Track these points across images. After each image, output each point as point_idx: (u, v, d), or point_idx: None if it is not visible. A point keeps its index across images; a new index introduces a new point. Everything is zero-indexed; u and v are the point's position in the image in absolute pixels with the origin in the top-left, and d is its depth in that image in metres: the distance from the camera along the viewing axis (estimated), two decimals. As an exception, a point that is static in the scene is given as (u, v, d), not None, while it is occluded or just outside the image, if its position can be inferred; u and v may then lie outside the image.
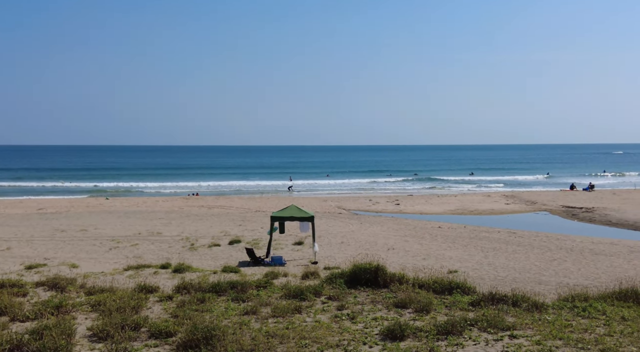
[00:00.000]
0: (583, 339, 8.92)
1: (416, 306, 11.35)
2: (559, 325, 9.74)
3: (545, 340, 8.98)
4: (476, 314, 10.58)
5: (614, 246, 24.49)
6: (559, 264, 20.69)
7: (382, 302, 12.06)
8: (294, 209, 22.07)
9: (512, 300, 11.37)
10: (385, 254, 22.04)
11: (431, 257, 21.95)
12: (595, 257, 21.95)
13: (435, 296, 12.55)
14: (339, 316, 10.94)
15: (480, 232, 29.00)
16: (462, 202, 48.34)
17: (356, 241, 25.88)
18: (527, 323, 9.95)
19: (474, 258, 21.86)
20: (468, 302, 11.77)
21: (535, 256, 22.35)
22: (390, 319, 10.66)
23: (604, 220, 36.50)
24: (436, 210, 42.96)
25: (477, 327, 9.84)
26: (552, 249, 23.90)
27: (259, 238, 26.46)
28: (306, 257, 21.79)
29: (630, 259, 21.27)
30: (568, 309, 10.93)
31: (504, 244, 25.10)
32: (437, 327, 9.74)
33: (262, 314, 11.12)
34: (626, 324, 9.75)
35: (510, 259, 21.61)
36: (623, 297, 11.74)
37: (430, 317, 10.71)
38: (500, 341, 9.13)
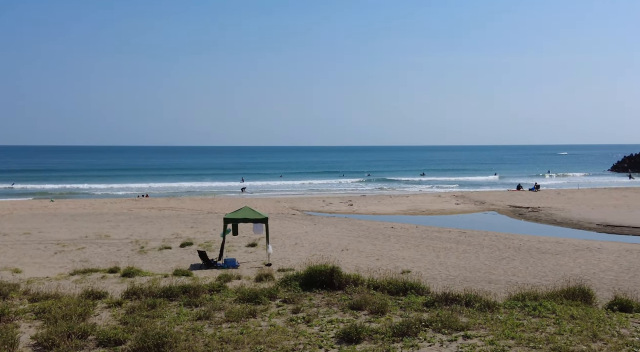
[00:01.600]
0: (534, 338, 9.08)
1: (371, 308, 11.34)
2: (511, 324, 9.91)
3: (498, 340, 9.10)
4: (430, 314, 10.65)
5: (560, 245, 25.26)
6: (507, 262, 21.19)
7: (337, 304, 12.00)
8: (247, 211, 21.82)
9: (465, 300, 11.51)
10: (340, 255, 22.05)
11: (385, 258, 22.10)
12: (542, 255, 22.57)
13: (390, 297, 12.58)
14: (295, 320, 10.82)
15: (431, 232, 29.42)
16: (413, 202, 49.00)
17: (310, 242, 25.82)
18: (480, 323, 10.08)
19: (426, 258, 22.14)
20: (422, 302, 11.85)
21: (485, 255, 22.82)
22: (346, 321, 10.61)
23: (550, 219, 37.65)
24: (389, 210, 43.38)
25: (431, 328, 9.90)
26: (501, 248, 24.46)
27: (212, 240, 26.06)
28: (260, 259, 21.58)
29: (575, 258, 21.98)
30: (519, 308, 11.14)
31: (455, 244, 25.53)
32: (393, 329, 9.75)
33: (216, 319, 10.88)
34: (575, 322, 10.00)
35: (461, 259, 21.98)
36: (571, 295, 12.06)
37: (386, 319, 10.72)
38: (455, 341, 9.21)
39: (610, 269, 19.61)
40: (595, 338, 9.03)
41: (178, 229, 30.35)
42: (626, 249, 23.78)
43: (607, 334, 9.26)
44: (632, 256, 22.19)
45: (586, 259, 21.67)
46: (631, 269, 19.53)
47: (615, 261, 21.07)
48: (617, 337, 9.05)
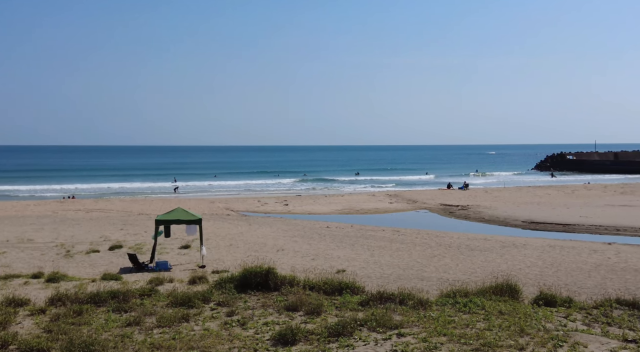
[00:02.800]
0: (465, 334, 9.31)
1: (307, 309, 11.30)
2: (443, 321, 10.12)
3: (431, 337, 9.27)
4: (365, 313, 10.73)
5: (488, 242, 26.13)
6: (439, 260, 21.71)
7: (273, 306, 11.89)
8: (180, 212, 21.32)
9: (399, 298, 11.68)
10: (275, 256, 21.93)
11: (320, 257, 22.16)
12: (471, 252, 23.28)
13: (326, 297, 12.59)
14: (229, 323, 10.63)
15: (366, 231, 29.78)
16: (348, 201, 49.50)
17: (245, 243, 25.55)
18: (413, 321, 10.24)
19: (361, 257, 22.37)
20: (357, 302, 11.92)
21: (418, 252, 23.30)
22: (282, 323, 10.52)
23: (478, 217, 38.95)
24: (324, 210, 43.61)
25: (366, 327, 9.96)
26: (433, 245, 25.05)
27: (143, 242, 25.31)
28: (193, 261, 21.13)
29: (502, 254, 22.79)
30: (450, 305, 11.41)
31: (389, 242, 25.94)
32: (328, 330, 9.75)
33: (146, 325, 10.52)
34: (503, 317, 10.34)
35: (394, 257, 22.35)
36: (499, 291, 12.47)
37: (321, 320, 10.71)
38: (389, 339, 9.31)
39: (535, 265, 20.46)
40: (523, 333, 9.35)
41: (107, 232, 29.30)
42: (549, 245, 24.89)
43: (534, 328, 9.62)
44: (555, 251, 23.25)
45: (512, 255, 22.51)
46: (554, 264, 20.45)
47: (540, 257, 22.00)
48: (543, 332, 9.41)
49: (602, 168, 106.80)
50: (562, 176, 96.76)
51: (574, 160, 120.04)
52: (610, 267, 19.89)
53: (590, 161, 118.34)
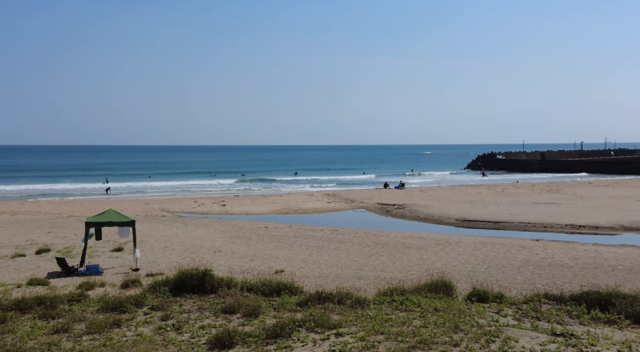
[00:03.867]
0: (402, 332, 9.43)
1: (245, 311, 11.14)
2: (380, 320, 10.21)
3: (369, 336, 9.33)
4: (304, 314, 10.68)
5: (423, 240, 26.68)
6: (376, 258, 21.97)
7: (209, 308, 11.65)
8: (112, 214, 20.59)
9: (337, 298, 11.71)
10: (212, 257, 21.56)
11: (258, 258, 21.97)
12: (407, 250, 23.70)
13: (264, 298, 12.46)
14: (164, 327, 10.32)
15: (304, 231, 29.77)
16: (287, 201, 49.40)
17: (181, 245, 24.99)
18: (351, 320, 10.28)
19: (299, 257, 22.34)
20: (296, 302, 11.87)
21: (356, 252, 23.49)
22: (219, 326, 10.32)
23: (414, 215, 39.74)
24: (262, 210, 43.33)
25: (305, 327, 9.92)
26: (370, 244, 25.33)
27: (72, 246, 24.29)
28: (127, 264, 20.46)
29: (437, 252, 23.32)
30: (388, 304, 11.54)
31: (327, 242, 26.04)
32: (266, 331, 9.64)
33: (75, 332, 10.07)
34: (438, 314, 10.54)
35: (333, 256, 22.45)
36: (434, 288, 12.73)
37: (259, 321, 10.58)
38: (327, 340, 9.30)
39: (468, 262, 21.05)
40: (457, 329, 9.56)
41: (33, 235, 27.95)
42: (481, 242, 25.67)
43: (467, 324, 9.86)
44: (486, 248, 24.00)
45: (447, 252, 23.07)
46: (486, 261, 21.11)
47: (472, 254, 22.65)
48: (476, 328, 9.65)
49: (529, 167, 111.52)
50: (493, 175, 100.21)
51: (504, 160, 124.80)
52: (538, 263, 20.72)
53: (519, 161, 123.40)
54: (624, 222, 32.98)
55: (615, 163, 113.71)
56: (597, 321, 10.60)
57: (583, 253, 22.67)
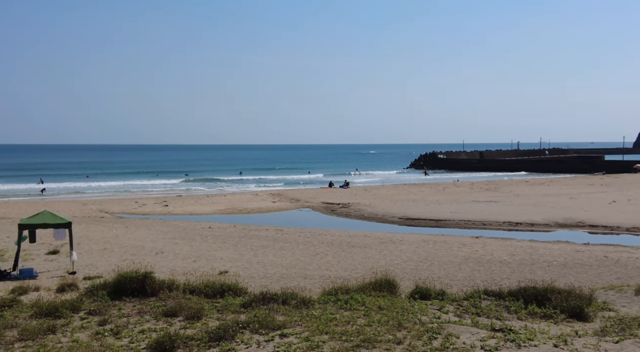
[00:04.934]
0: (346, 331, 9.43)
1: (187, 313, 10.88)
2: (324, 319, 10.18)
3: (313, 336, 9.29)
4: (248, 315, 10.53)
5: (367, 238, 26.94)
6: (321, 258, 22.01)
7: (150, 312, 11.32)
8: (47, 215, 19.75)
9: (282, 298, 11.60)
10: (154, 259, 21.05)
11: (202, 259, 21.61)
12: (352, 249, 23.86)
13: (207, 300, 12.21)
14: (101, 332, 9.95)
15: (249, 231, 29.52)
16: (231, 201, 48.87)
17: (121, 247, 24.27)
18: (296, 320, 10.21)
19: (244, 257, 22.11)
20: (240, 304, 11.69)
21: (301, 251, 23.47)
22: (159, 330, 10.03)
23: (358, 214, 40.09)
24: (206, 210, 42.70)
25: (249, 329, 9.78)
26: (315, 243, 25.37)
27: (5, 249, 23.18)
28: (63, 267, 19.68)
29: (380, 250, 23.58)
30: (332, 303, 11.53)
31: (272, 242, 25.90)
32: (209, 334, 9.43)
33: (7, 339, 9.56)
34: (382, 313, 10.61)
35: (278, 256, 22.34)
36: (378, 287, 12.83)
37: (202, 324, 10.35)
38: (272, 341, 9.19)
39: (411, 259, 21.38)
40: (400, 327, 9.65)
41: (-38, 238, 26.51)
42: (423, 240, 26.15)
43: (410, 322, 9.97)
44: (428, 246, 24.46)
45: (390, 251, 23.37)
46: (428, 259, 21.51)
47: (415, 252, 23.04)
48: (419, 325, 9.77)
49: (469, 166, 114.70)
50: (435, 174, 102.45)
51: (445, 159, 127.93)
52: (477, 259, 21.27)
53: (459, 160, 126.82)
54: (558, 219, 34.33)
55: (550, 162, 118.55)
56: (534, 315, 10.94)
57: (520, 249, 23.44)
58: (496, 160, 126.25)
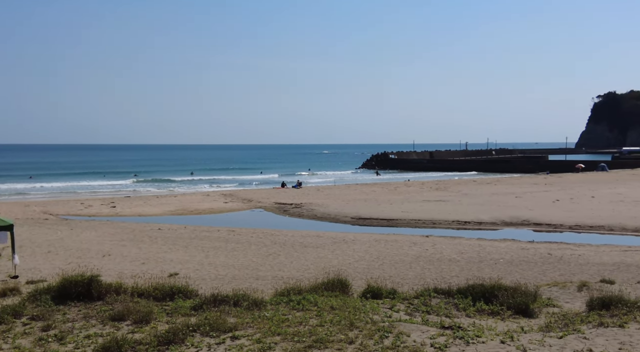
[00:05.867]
0: (299, 332, 9.41)
1: (135, 317, 10.62)
2: (277, 321, 10.13)
3: (265, 337, 9.23)
4: (198, 318, 10.37)
5: (320, 238, 26.98)
6: (274, 258, 21.91)
7: (96, 316, 11.00)
8: (-14, 217, 18.92)
9: (233, 300, 11.49)
10: (100, 262, 20.47)
11: (151, 261, 21.16)
12: (305, 249, 23.85)
13: (157, 303, 11.96)
14: (45, 338, 9.60)
15: (200, 232, 29.11)
16: (182, 202, 48.08)
17: (66, 249, 23.51)
18: (247, 322, 10.12)
19: (195, 259, 21.78)
20: (190, 306, 11.50)
21: (253, 252, 23.30)
22: (106, 334, 9.76)
23: (311, 214, 40.13)
24: (156, 211, 41.87)
25: (199, 332, 9.63)
26: (268, 244, 25.23)
27: (-60, 253, 22.08)
28: (4, 271, 18.88)
29: (333, 250, 23.67)
30: (285, 304, 11.49)
31: (224, 243, 25.61)
32: (158, 338, 9.24)
33: (-58, 349, 9.12)
34: (335, 313, 10.64)
35: (229, 257, 22.11)
36: (330, 287, 12.86)
37: (151, 328, 10.13)
38: (223, 343, 9.08)
39: (363, 259, 21.54)
40: (352, 326, 9.70)
41: None
42: (375, 240, 26.39)
43: (362, 321, 10.03)
44: (380, 245, 24.71)
45: (343, 250, 23.48)
46: (380, 258, 21.72)
47: (367, 251, 23.22)
48: (371, 324, 9.85)
49: (420, 166, 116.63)
50: (386, 174, 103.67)
51: (396, 159, 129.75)
52: (428, 258, 21.62)
53: (410, 160, 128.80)
54: (504, 217, 35.29)
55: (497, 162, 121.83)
56: (482, 312, 11.19)
57: (468, 248, 23.96)
58: (445, 160, 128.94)
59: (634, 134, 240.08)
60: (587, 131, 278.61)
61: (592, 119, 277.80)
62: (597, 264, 19.96)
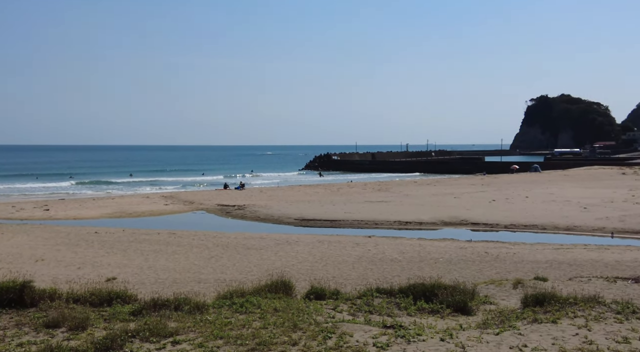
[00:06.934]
0: (242, 335, 9.32)
1: (71, 324, 10.23)
2: (219, 324, 10.00)
3: (207, 341, 9.09)
4: (138, 323, 10.10)
5: (263, 240, 26.86)
6: (216, 261, 21.64)
7: (29, 324, 10.53)
8: None
9: (174, 304, 11.26)
10: (34, 267, 19.65)
11: (87, 266, 20.48)
12: (248, 251, 23.68)
13: (93, 309, 11.57)
14: (-28, 349, 9.12)
15: (140, 235, 28.40)
16: (120, 204, 46.76)
17: (-4, 255, 22.43)
18: (189, 326, 9.94)
19: (134, 262, 21.24)
20: (129, 311, 11.18)
21: (195, 255, 22.94)
22: (40, 342, 9.36)
23: (254, 216, 39.88)
24: (92, 214, 40.55)
25: (138, 337, 9.38)
26: (210, 246, 24.90)
27: None
28: None
29: (276, 251, 23.60)
30: (227, 307, 11.35)
31: (165, 246, 25.10)
32: (95, 345, 8.93)
33: None
34: (278, 315, 10.60)
35: (170, 260, 21.68)
36: (274, 289, 12.80)
37: (87, 334, 9.79)
38: (163, 349, 8.89)
39: (306, 260, 21.58)
40: (296, 328, 9.69)
41: None
42: (319, 241, 26.50)
43: (306, 322, 10.04)
44: (323, 246, 24.83)
45: (286, 252, 23.46)
46: (323, 259, 21.82)
47: (310, 252, 23.28)
48: (314, 325, 9.87)
49: (362, 167, 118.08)
50: (329, 175, 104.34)
51: (339, 161, 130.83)
52: (370, 258, 21.89)
53: (352, 161, 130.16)
54: (444, 217, 36.17)
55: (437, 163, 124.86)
56: (422, 311, 11.42)
57: (409, 247, 24.42)
58: (387, 161, 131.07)
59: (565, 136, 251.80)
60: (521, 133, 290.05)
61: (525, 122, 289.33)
62: (531, 261, 20.76)
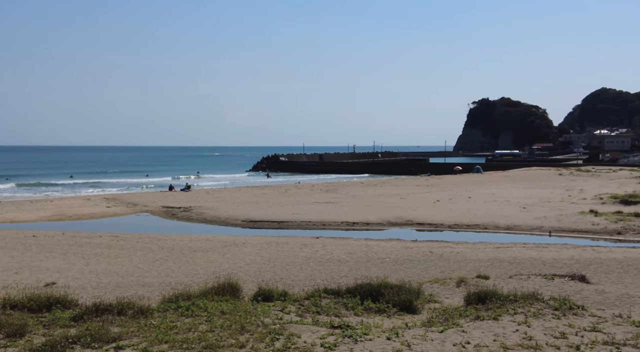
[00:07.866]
0: (188, 339, 9.17)
1: (7, 331, 9.80)
2: (164, 328, 9.80)
3: (152, 346, 8.89)
4: (79, 329, 9.77)
5: (210, 242, 26.52)
6: (161, 264, 21.22)
7: (-39, 333, 10.02)
8: None
9: (117, 308, 10.95)
10: (-34, 273, 18.72)
11: (25, 270, 19.69)
12: (194, 254, 23.33)
13: (32, 315, 11.12)
14: None
15: (80, 239, 27.52)
16: (60, 207, 45.18)
17: None
18: (133, 331, 9.70)
19: (74, 267, 20.56)
20: (69, 317, 10.80)
21: (139, 258, 22.42)
22: (-27, 352, 8.93)
23: (200, 218, 39.34)
24: (30, 217, 39.01)
25: (79, 344, 9.07)
26: (154, 249, 24.39)
27: None
28: None
29: (224, 253, 23.36)
30: (173, 310, 11.14)
31: (107, 249, 24.42)
32: (33, 352, 8.60)
33: None
34: (225, 317, 10.48)
35: (112, 264, 21.11)
36: (221, 291, 12.64)
37: (25, 341, 9.40)
38: (106, 355, 8.64)
39: (254, 262, 21.45)
40: (243, 330, 9.61)
41: None
42: (266, 242, 26.39)
43: (253, 324, 9.97)
44: (271, 248, 24.74)
45: (234, 254, 23.24)
46: (271, 260, 21.74)
47: (258, 254, 23.16)
48: (262, 327, 9.81)
49: (310, 168, 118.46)
50: (277, 176, 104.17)
51: (286, 162, 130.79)
52: (318, 259, 21.97)
53: (300, 162, 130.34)
54: (390, 218, 36.69)
55: (383, 164, 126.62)
56: (369, 310, 11.54)
57: (357, 248, 24.65)
58: (334, 162, 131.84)
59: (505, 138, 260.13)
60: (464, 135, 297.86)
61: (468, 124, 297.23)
62: (474, 260, 21.33)
